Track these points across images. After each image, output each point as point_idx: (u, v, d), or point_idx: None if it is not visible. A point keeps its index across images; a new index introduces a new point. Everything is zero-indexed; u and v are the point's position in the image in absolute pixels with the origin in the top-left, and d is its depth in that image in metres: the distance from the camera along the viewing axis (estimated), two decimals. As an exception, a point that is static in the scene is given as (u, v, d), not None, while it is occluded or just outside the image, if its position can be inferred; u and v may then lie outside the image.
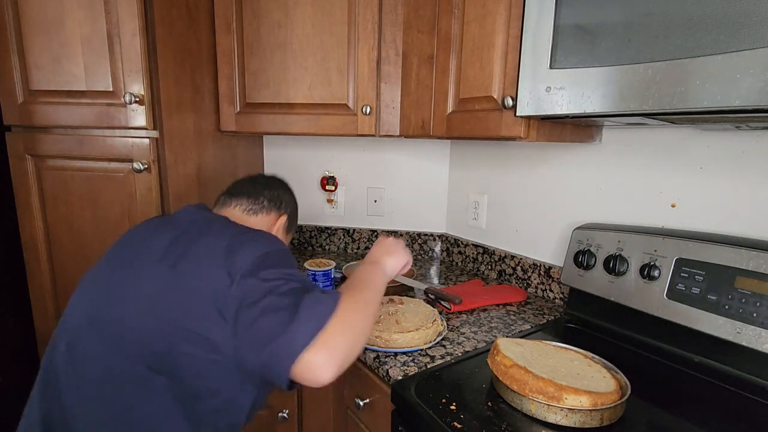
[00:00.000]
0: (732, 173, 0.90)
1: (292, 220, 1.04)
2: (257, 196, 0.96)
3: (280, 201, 0.99)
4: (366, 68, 1.27)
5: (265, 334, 0.63)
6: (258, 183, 0.99)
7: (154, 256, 0.72)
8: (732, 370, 0.84)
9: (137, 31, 1.08)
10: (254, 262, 0.69)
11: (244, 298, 0.65)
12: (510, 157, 1.41)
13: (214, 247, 0.71)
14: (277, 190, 1.00)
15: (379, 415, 0.93)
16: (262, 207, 0.95)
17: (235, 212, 0.92)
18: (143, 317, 0.68)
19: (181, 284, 0.68)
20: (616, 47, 0.71)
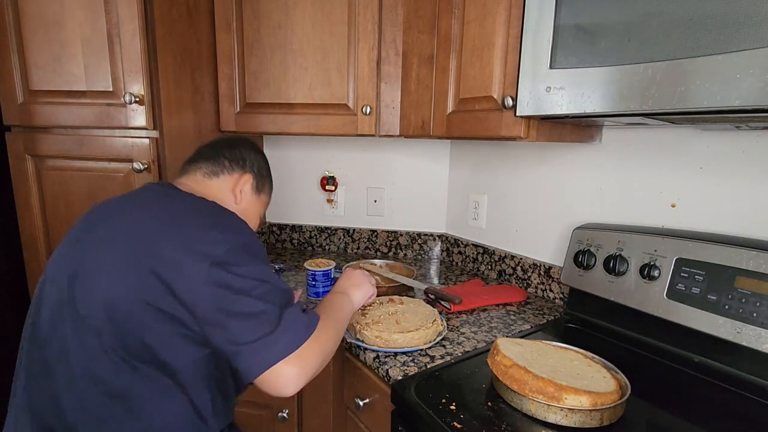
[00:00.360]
0: (732, 173, 0.90)
1: (262, 180, 0.95)
2: (217, 157, 0.89)
3: (243, 159, 0.91)
4: (366, 68, 1.27)
5: (239, 335, 0.65)
6: (218, 144, 0.93)
7: (119, 237, 0.69)
8: (732, 370, 0.84)
9: (137, 31, 1.08)
10: (225, 254, 0.66)
11: (216, 297, 0.64)
12: (510, 157, 1.41)
13: (180, 234, 0.68)
14: (239, 149, 0.92)
15: (379, 415, 0.93)
16: (223, 167, 0.88)
17: (197, 177, 0.87)
18: (112, 301, 0.66)
19: (145, 267, 0.65)
20: (616, 47, 0.71)
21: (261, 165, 0.95)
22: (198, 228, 0.70)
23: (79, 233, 0.76)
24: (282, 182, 1.78)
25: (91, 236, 0.73)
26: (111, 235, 0.71)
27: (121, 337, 0.65)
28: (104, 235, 0.71)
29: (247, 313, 0.66)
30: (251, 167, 0.92)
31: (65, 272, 0.71)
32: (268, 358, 0.65)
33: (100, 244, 0.71)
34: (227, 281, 0.66)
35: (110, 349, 0.66)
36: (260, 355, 0.65)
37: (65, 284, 0.70)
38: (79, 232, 0.76)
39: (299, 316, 0.71)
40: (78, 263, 0.70)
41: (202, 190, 0.83)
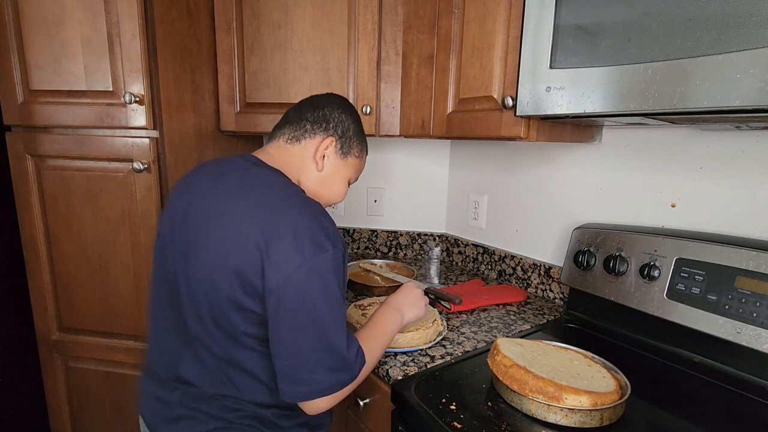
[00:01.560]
0: (732, 173, 0.90)
1: (348, 142, 0.86)
2: (299, 120, 0.84)
3: (326, 121, 0.84)
4: (366, 68, 1.27)
5: (289, 364, 0.68)
6: (303, 106, 0.87)
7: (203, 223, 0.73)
8: (732, 370, 0.84)
9: (137, 31, 1.08)
10: (284, 286, 0.66)
11: (280, 304, 0.67)
12: (510, 157, 1.41)
13: (250, 233, 0.68)
14: (322, 109, 0.85)
15: (379, 415, 0.93)
16: (305, 132, 0.83)
17: (280, 144, 0.84)
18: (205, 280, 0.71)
19: (220, 257, 0.69)
20: (616, 47, 0.71)
21: (347, 126, 0.86)
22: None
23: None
24: (282, 182, 1.78)
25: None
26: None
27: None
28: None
29: (304, 339, 0.68)
30: (335, 129, 0.84)
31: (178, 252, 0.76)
32: (303, 395, 0.69)
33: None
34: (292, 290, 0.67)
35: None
36: (298, 390, 0.68)
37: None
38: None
39: (345, 365, 0.71)
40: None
41: (285, 158, 0.81)
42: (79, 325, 1.29)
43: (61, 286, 1.27)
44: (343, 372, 0.70)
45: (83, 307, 1.27)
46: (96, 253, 1.22)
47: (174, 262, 0.76)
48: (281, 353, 0.68)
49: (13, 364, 1.36)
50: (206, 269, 0.70)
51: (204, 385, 0.75)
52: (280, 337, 0.68)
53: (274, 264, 0.66)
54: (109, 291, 1.24)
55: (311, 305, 0.67)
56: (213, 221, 0.72)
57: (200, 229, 0.73)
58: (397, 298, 0.93)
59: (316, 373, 0.68)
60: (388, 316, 0.88)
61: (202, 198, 0.75)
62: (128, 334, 1.26)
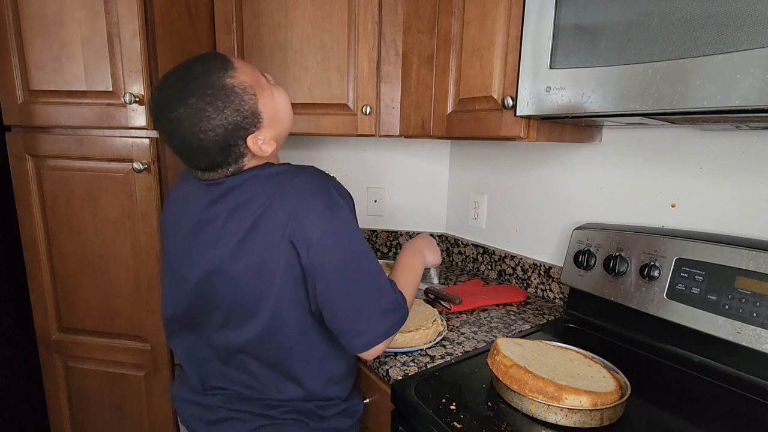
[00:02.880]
0: (732, 173, 0.90)
1: (247, 115, 0.72)
2: (215, 168, 0.76)
3: (218, 111, 0.69)
4: (366, 68, 1.27)
5: (345, 321, 0.72)
6: (192, 156, 0.75)
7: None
8: (732, 370, 0.84)
9: (137, 31, 1.08)
10: (323, 235, 0.69)
11: (318, 270, 0.70)
12: (510, 157, 1.41)
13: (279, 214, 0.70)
14: (204, 148, 0.71)
15: (379, 415, 0.93)
16: (228, 165, 0.75)
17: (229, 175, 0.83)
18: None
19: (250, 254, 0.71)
20: (616, 47, 0.71)
21: (238, 98, 0.71)
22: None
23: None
24: (282, 182, 1.78)
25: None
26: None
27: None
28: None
29: (354, 291, 0.73)
30: (235, 112, 0.71)
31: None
32: (363, 345, 0.74)
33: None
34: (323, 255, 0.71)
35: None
36: (359, 340, 0.74)
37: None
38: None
39: (396, 307, 0.76)
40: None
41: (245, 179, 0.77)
42: (79, 325, 1.29)
43: (61, 286, 1.27)
44: (395, 312, 0.76)
45: (83, 307, 1.27)
46: (96, 253, 1.22)
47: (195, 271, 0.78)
48: (335, 314, 0.72)
49: (13, 364, 1.36)
50: (244, 274, 0.72)
51: (244, 391, 0.78)
52: (330, 299, 0.71)
53: (301, 238, 0.69)
54: (109, 291, 1.24)
55: (346, 263, 0.71)
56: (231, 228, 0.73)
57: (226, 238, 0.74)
58: (418, 242, 1.00)
59: (372, 321, 0.73)
60: (415, 259, 0.94)
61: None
62: (128, 334, 1.26)
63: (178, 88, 0.69)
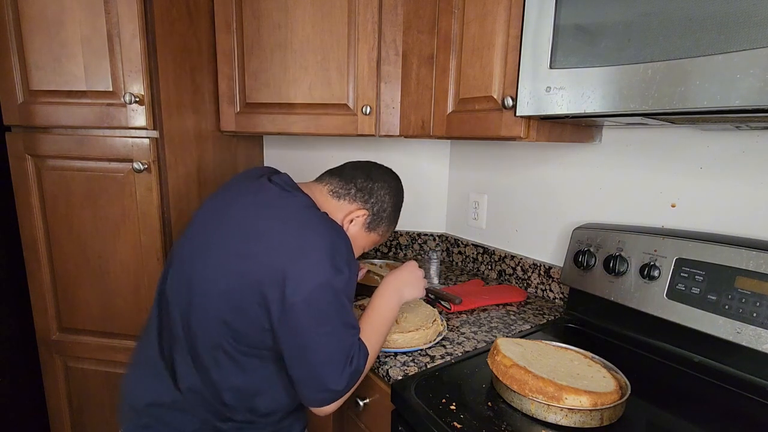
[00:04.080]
0: (732, 173, 0.90)
1: (378, 220, 0.93)
2: (348, 181, 0.91)
3: (370, 194, 0.91)
4: (366, 68, 1.27)
5: (308, 374, 0.74)
6: (359, 168, 0.93)
7: (228, 234, 0.78)
8: (732, 370, 0.84)
9: (137, 31, 1.08)
10: (303, 301, 0.71)
11: (297, 317, 0.72)
12: (510, 157, 1.41)
13: (277, 251, 0.73)
14: (374, 183, 0.92)
15: (379, 415, 0.93)
16: (347, 194, 0.90)
17: (322, 190, 0.90)
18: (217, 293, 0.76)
19: (244, 269, 0.74)
20: (616, 47, 0.71)
21: (385, 207, 0.93)
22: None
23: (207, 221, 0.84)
24: (282, 182, 1.78)
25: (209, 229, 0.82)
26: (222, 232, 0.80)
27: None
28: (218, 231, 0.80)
29: (317, 350, 0.74)
30: (373, 206, 0.91)
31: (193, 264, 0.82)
32: (317, 402, 0.76)
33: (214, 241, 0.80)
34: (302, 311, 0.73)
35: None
36: (313, 397, 0.76)
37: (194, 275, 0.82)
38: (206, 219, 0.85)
39: (353, 371, 0.76)
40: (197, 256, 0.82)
41: (319, 203, 0.86)
42: (79, 325, 1.29)
43: (61, 286, 1.27)
44: (356, 374, 0.77)
45: (83, 307, 1.27)
46: (96, 253, 1.22)
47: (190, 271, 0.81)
48: (297, 363, 0.74)
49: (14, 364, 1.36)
50: (229, 278, 0.75)
51: (181, 375, 0.80)
52: (295, 348, 0.73)
53: (295, 280, 0.70)
54: (109, 291, 1.24)
55: (325, 319, 0.73)
56: (240, 228, 0.77)
57: (225, 233, 0.78)
58: (398, 276, 0.96)
59: (331, 377, 0.74)
60: (388, 300, 0.92)
61: (233, 204, 0.81)
62: (128, 334, 1.26)
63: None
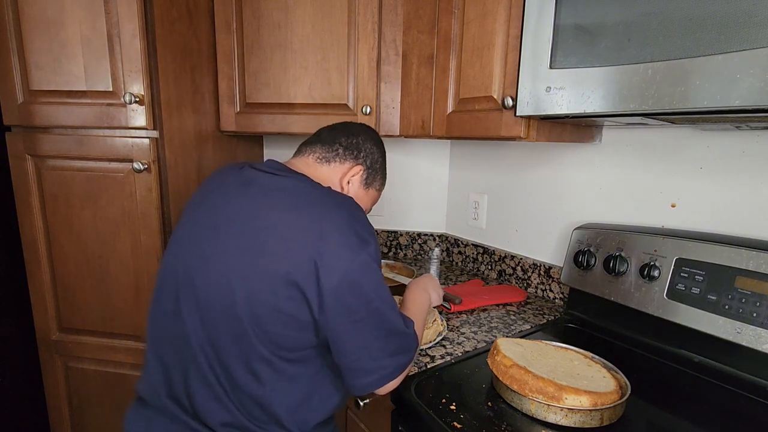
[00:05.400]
0: (732, 173, 0.90)
1: (373, 174, 0.90)
2: (332, 143, 0.86)
3: (358, 149, 0.87)
4: (366, 68, 1.27)
5: (354, 360, 0.70)
6: (336, 129, 0.89)
7: (236, 227, 0.71)
8: (732, 370, 0.84)
9: (137, 31, 1.08)
10: (341, 283, 0.66)
11: (338, 302, 0.67)
12: (510, 157, 1.41)
13: (295, 245, 0.67)
14: (356, 137, 0.88)
15: (379, 415, 0.93)
16: (336, 155, 0.85)
17: (308, 161, 0.85)
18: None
19: (262, 265, 0.67)
20: (616, 47, 0.71)
21: (376, 158, 0.90)
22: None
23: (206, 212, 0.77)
24: (282, 182, 1.78)
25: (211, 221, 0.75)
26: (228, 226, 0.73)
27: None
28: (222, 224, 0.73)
29: (365, 335, 0.71)
30: (365, 159, 0.88)
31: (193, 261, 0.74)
32: (373, 385, 0.72)
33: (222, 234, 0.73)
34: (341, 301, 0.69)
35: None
36: (367, 382, 0.72)
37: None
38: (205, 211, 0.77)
39: (406, 347, 0.75)
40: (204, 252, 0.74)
41: (312, 175, 0.81)
42: (79, 325, 1.29)
43: (61, 286, 1.27)
44: (403, 354, 0.74)
45: (83, 307, 1.27)
46: (96, 253, 1.22)
47: (187, 273, 0.73)
48: (344, 350, 0.69)
49: (14, 364, 1.36)
50: (242, 275, 0.68)
51: (204, 409, 0.71)
52: (341, 334, 0.68)
53: (327, 265, 0.65)
54: (109, 291, 1.24)
55: (367, 297, 0.68)
56: (245, 226, 0.70)
57: (227, 236, 0.71)
58: (423, 280, 1.01)
59: (381, 360, 0.71)
60: (423, 296, 0.95)
61: (227, 204, 0.74)
62: (128, 334, 1.26)
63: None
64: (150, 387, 0.77)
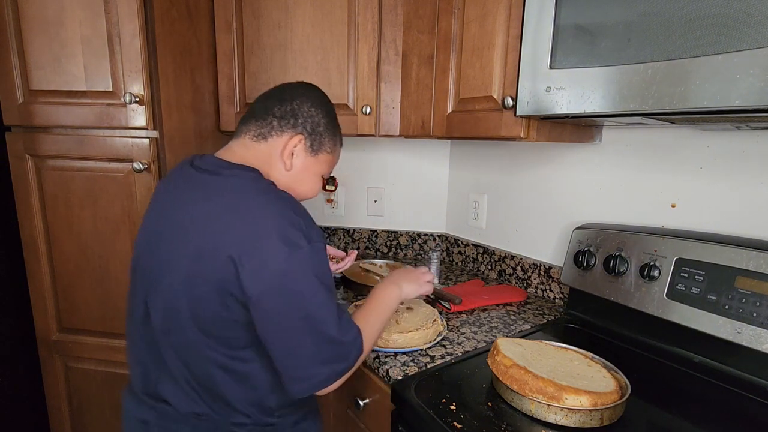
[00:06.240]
0: (732, 173, 0.90)
1: (318, 138, 0.81)
2: (266, 115, 0.78)
3: (294, 116, 0.79)
4: (366, 68, 1.27)
5: (286, 366, 0.68)
6: (271, 96, 0.81)
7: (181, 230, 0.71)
8: (732, 370, 0.84)
9: (137, 31, 1.08)
10: (268, 289, 0.65)
11: (263, 310, 0.66)
12: (510, 157, 1.41)
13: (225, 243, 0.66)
14: (290, 103, 0.79)
15: (379, 415, 0.93)
16: (271, 129, 0.78)
17: (245, 141, 0.79)
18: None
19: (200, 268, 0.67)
20: (616, 47, 0.71)
21: (317, 120, 0.81)
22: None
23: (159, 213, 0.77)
24: (282, 182, 1.78)
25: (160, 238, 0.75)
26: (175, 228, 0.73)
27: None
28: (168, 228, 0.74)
29: (300, 331, 0.68)
30: (304, 126, 0.79)
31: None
32: (310, 388, 0.70)
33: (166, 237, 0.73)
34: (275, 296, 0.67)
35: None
36: (304, 385, 0.69)
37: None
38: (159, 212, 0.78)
39: (343, 350, 0.71)
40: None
41: (252, 157, 0.77)
42: (79, 325, 1.29)
43: (61, 286, 1.27)
44: (338, 362, 0.70)
45: (83, 307, 1.27)
46: (96, 253, 1.22)
47: (148, 280, 0.75)
48: (275, 356, 0.69)
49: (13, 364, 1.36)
50: (184, 282, 0.69)
51: (178, 404, 0.74)
52: (271, 340, 0.68)
53: (249, 273, 0.64)
54: (109, 291, 1.24)
55: (295, 306, 0.66)
56: (184, 233, 0.70)
57: (174, 244, 0.71)
58: (396, 273, 0.95)
59: (312, 368, 0.68)
60: (387, 290, 0.88)
61: (174, 209, 0.74)
62: (128, 334, 1.26)
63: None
64: (133, 381, 0.80)
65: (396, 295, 0.88)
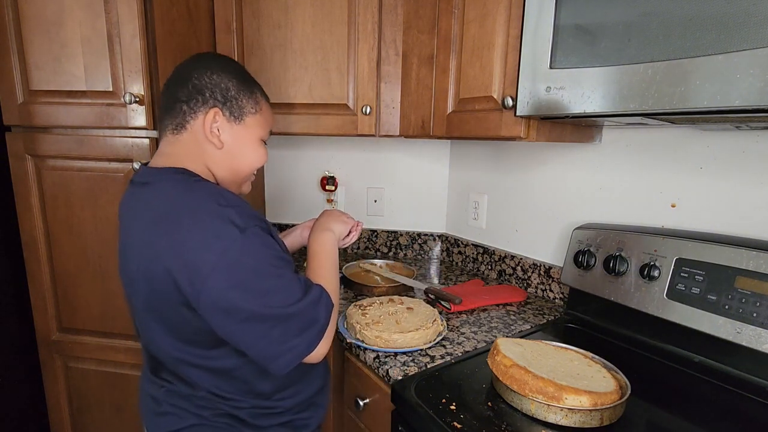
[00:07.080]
0: (732, 173, 0.90)
1: (236, 101, 0.75)
2: (173, 103, 0.74)
3: (199, 92, 0.73)
4: (366, 68, 1.27)
5: (259, 351, 0.67)
6: (171, 83, 0.75)
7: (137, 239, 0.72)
8: (732, 370, 0.84)
9: (137, 31, 1.08)
10: (212, 289, 0.63)
11: (212, 312, 0.65)
12: (510, 157, 1.41)
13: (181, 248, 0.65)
14: (192, 81, 0.73)
15: (379, 415, 0.93)
16: (183, 115, 0.73)
17: (168, 138, 0.75)
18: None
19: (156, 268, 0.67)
20: (616, 47, 0.71)
21: (225, 86, 0.75)
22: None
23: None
24: (282, 182, 1.78)
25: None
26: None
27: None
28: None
29: (264, 318, 0.68)
30: (213, 97, 0.73)
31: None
32: (295, 359, 0.69)
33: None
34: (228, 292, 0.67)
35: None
36: (288, 360, 0.68)
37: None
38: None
39: (313, 312, 0.70)
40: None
41: (181, 152, 0.75)
42: (79, 325, 1.29)
43: (61, 286, 1.27)
44: (310, 328, 0.69)
45: (83, 307, 1.27)
46: (96, 253, 1.22)
47: (128, 294, 0.79)
48: (243, 347, 0.67)
49: (13, 364, 1.36)
50: (145, 302, 0.71)
51: (179, 389, 0.76)
52: (231, 337, 0.67)
53: (186, 279, 0.63)
54: (109, 291, 1.24)
55: (243, 299, 0.64)
56: (132, 254, 0.72)
57: (132, 265, 0.73)
58: (319, 221, 0.95)
59: (285, 344, 0.67)
60: (323, 239, 0.88)
61: (124, 231, 0.77)
62: (128, 334, 1.26)
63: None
64: (143, 361, 0.84)
65: (332, 239, 0.89)
